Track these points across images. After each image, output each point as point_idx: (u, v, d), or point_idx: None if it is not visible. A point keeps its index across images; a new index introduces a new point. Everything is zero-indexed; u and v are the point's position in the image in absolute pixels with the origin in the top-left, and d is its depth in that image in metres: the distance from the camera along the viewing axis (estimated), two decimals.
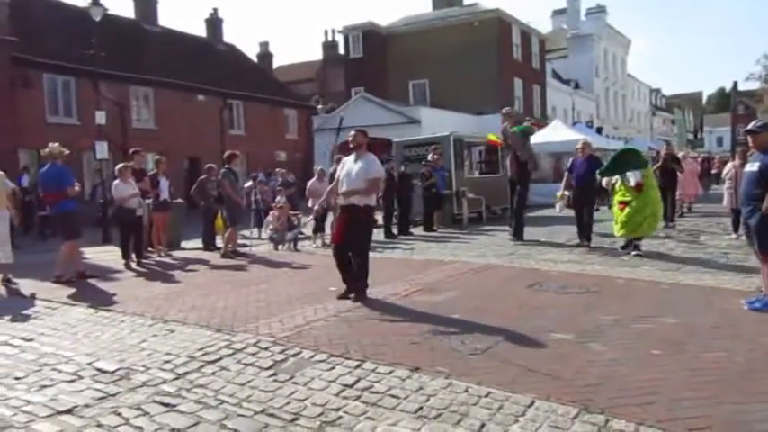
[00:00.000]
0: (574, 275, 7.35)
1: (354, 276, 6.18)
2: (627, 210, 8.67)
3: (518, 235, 10.98)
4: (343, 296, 6.19)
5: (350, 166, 6.28)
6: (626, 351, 4.29)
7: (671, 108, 71.79)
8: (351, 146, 6.30)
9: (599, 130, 35.59)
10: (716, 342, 4.46)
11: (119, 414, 3.53)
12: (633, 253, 8.79)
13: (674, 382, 3.66)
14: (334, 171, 11.84)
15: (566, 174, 10.64)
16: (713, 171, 25.63)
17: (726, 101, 72.82)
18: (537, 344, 4.53)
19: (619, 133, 45.50)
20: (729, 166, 11.21)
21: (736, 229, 10.27)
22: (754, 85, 46.50)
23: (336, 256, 6.27)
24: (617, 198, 8.96)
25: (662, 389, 3.56)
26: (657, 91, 67.19)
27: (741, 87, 52.52)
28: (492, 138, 12.31)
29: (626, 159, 8.93)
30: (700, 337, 4.57)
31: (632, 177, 8.63)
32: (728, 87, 64.72)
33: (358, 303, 5.98)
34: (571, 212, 10.36)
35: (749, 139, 5.78)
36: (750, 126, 5.80)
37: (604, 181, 9.32)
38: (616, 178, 8.99)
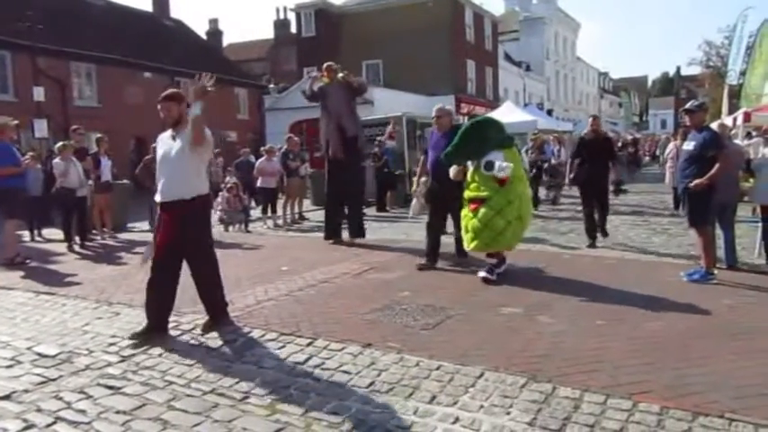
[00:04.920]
0: (523, 252, 7.43)
1: (207, 300, 4.55)
2: (483, 210, 5.67)
3: (329, 233, 8.51)
4: (142, 335, 4.29)
5: (166, 145, 4.41)
6: (572, 323, 4.41)
7: (618, 91, 73.79)
8: (162, 114, 4.46)
9: (549, 112, 36.31)
10: (656, 312, 4.63)
11: (60, 398, 3.41)
12: (485, 275, 5.80)
13: (617, 351, 3.79)
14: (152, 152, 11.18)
15: (422, 157, 7.31)
16: (645, 156, 25.31)
17: (669, 85, 75.33)
18: (487, 318, 4.60)
19: (569, 115, 46.48)
20: (671, 145, 11.61)
21: (677, 206, 10.68)
22: (695, 70, 48.16)
23: (160, 273, 4.32)
24: (468, 194, 5.92)
25: (606, 357, 3.68)
26: (605, 74, 68.87)
27: (684, 72, 54.45)
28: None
29: (483, 136, 5.84)
30: (641, 308, 4.73)
31: (500, 166, 5.56)
32: (672, 72, 67.12)
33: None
34: None
35: (686, 118, 5.99)
36: (687, 105, 6.03)
37: (452, 170, 6.09)
38: (469, 164, 5.99)
